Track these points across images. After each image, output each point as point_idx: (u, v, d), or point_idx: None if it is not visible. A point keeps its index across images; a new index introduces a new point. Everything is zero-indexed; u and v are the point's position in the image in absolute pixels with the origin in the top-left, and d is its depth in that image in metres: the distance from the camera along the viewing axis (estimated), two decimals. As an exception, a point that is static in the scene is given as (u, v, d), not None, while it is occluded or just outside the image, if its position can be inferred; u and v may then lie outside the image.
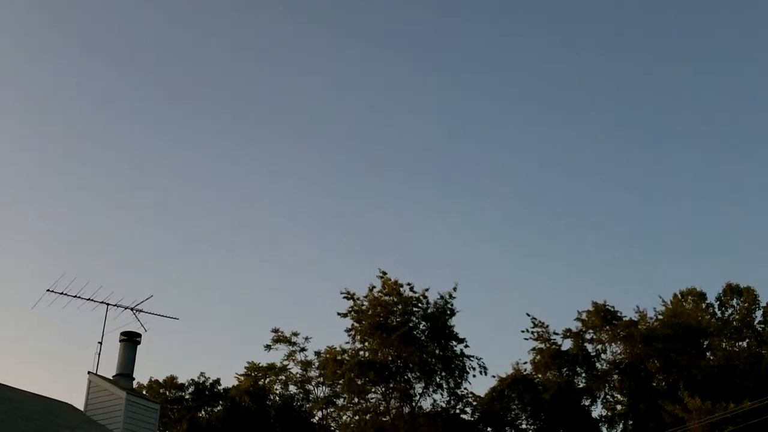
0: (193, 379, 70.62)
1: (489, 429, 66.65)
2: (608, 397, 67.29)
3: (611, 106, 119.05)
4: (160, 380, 69.72)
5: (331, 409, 66.60)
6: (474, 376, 63.65)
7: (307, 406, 67.55)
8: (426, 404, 63.53)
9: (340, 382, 63.67)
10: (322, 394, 66.84)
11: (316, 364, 66.31)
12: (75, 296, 23.92)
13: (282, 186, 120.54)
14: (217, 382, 70.99)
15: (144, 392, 56.40)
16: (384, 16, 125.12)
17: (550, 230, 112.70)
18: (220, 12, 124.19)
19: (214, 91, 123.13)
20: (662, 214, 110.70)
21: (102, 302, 24.30)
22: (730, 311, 69.71)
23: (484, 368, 63.91)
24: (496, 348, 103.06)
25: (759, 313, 68.71)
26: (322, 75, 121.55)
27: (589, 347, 66.93)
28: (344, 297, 63.41)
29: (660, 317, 67.14)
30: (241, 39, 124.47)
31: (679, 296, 69.97)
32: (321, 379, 66.36)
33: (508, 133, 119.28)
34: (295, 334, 66.56)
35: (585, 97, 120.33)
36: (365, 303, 63.16)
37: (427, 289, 63.50)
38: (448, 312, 63.40)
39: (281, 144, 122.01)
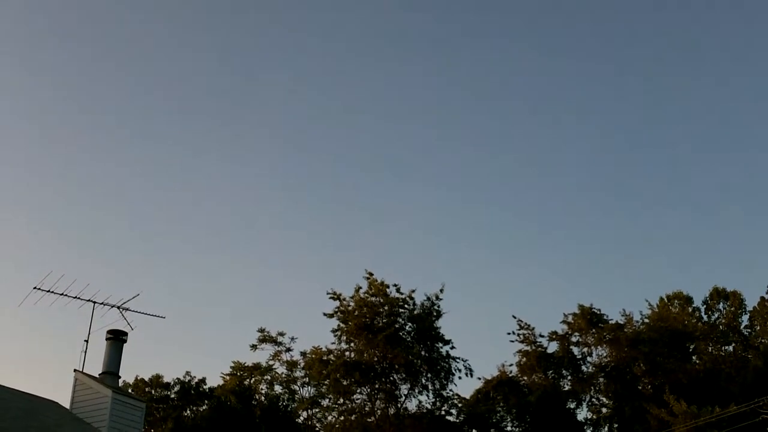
0: (178, 378, 70.54)
1: (474, 431, 66.61)
2: (594, 400, 67.40)
3: (598, 109, 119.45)
4: (146, 379, 69.56)
5: (317, 410, 66.54)
6: (460, 377, 63.67)
7: (293, 406, 67.48)
8: (411, 405, 63.57)
9: (326, 382, 63.55)
10: (307, 395, 66.80)
11: (302, 364, 66.30)
12: (62, 294, 23.76)
13: (269, 187, 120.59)
14: (203, 381, 70.89)
15: (130, 391, 56.25)
16: (369, 16, 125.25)
17: (537, 233, 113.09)
18: (216, 15, 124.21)
19: (207, 93, 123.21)
20: (649, 217, 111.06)
21: (88, 300, 24.14)
22: (716, 315, 69.85)
23: (470, 370, 63.92)
24: (482, 350, 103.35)
25: (745, 318, 68.91)
26: (315, 78, 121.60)
27: (575, 350, 67.07)
28: (330, 297, 63.39)
29: (646, 321, 67.31)
30: (230, 36, 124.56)
31: (666, 300, 70.06)
32: (306, 380, 66.35)
33: (494, 135, 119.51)
34: (281, 334, 66.63)
35: (573, 99, 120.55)
36: (351, 304, 63.06)
37: (413, 291, 63.52)
38: (435, 313, 63.34)
39: (270, 147, 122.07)
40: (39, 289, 23.52)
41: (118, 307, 24.34)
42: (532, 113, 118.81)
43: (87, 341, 23.58)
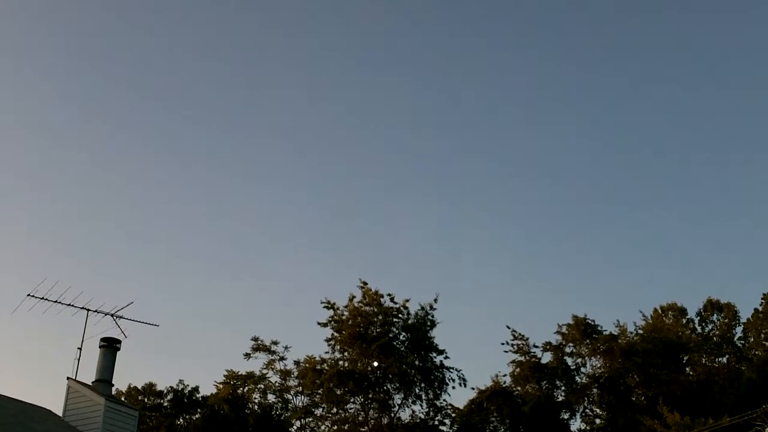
0: (171, 387, 70.30)
1: (467, 441, 66.51)
2: (587, 410, 67.37)
3: (594, 119, 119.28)
4: (139, 387, 69.39)
5: (310, 419, 66.36)
6: (453, 387, 63.57)
7: (286, 415, 67.31)
8: (405, 415, 63.44)
9: (319, 391, 63.46)
10: (300, 404, 66.64)
11: (296, 373, 66.14)
12: (55, 301, 23.79)
13: (263, 195, 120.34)
14: (196, 389, 70.67)
15: (123, 399, 56.13)
16: (372, 21, 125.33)
17: (532, 243, 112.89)
18: (208, 17, 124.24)
19: (202, 100, 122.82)
20: (644, 228, 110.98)
21: (82, 308, 24.16)
22: (710, 327, 69.96)
23: (464, 380, 63.86)
24: (475, 360, 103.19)
25: (739, 329, 69.02)
26: (308, 82, 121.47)
27: (569, 360, 66.97)
28: (324, 306, 63.30)
29: (640, 332, 67.21)
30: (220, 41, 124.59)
31: (660, 311, 70.12)
32: (300, 389, 66.16)
33: (489, 144, 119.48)
34: (275, 343, 66.46)
35: (567, 108, 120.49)
36: (345, 313, 63.02)
37: (407, 300, 63.45)
38: (429, 323, 63.25)
39: (262, 153, 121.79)
40: (33, 296, 23.55)
41: (112, 315, 24.37)
42: (527, 120, 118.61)
43: (80, 349, 23.61)
